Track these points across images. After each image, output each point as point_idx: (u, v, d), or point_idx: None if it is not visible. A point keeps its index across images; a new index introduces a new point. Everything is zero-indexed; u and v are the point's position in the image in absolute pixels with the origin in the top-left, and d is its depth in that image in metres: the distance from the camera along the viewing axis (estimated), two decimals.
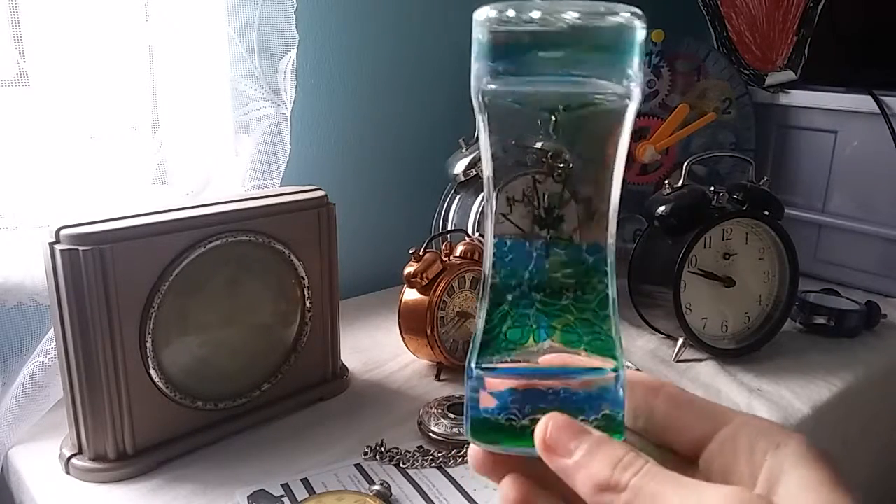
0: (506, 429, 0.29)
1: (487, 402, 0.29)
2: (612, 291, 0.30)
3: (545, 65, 0.28)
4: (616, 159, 0.29)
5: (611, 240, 0.30)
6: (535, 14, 0.27)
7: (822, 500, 0.24)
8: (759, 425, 0.27)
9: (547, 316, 0.30)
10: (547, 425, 0.27)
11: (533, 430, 0.28)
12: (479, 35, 0.28)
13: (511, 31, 0.27)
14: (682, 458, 0.29)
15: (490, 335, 0.30)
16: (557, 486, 0.28)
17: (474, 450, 0.30)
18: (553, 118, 0.28)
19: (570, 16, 0.27)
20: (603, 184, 0.29)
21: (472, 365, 0.30)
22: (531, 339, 0.30)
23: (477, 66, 0.28)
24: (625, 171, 0.29)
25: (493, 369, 0.30)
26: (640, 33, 0.27)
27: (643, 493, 0.25)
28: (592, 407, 0.29)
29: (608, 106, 0.28)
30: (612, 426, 0.29)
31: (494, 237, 0.30)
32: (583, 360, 0.29)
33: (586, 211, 0.29)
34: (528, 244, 0.30)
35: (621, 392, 0.29)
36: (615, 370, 0.29)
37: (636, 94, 0.28)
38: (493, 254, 0.30)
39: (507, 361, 0.30)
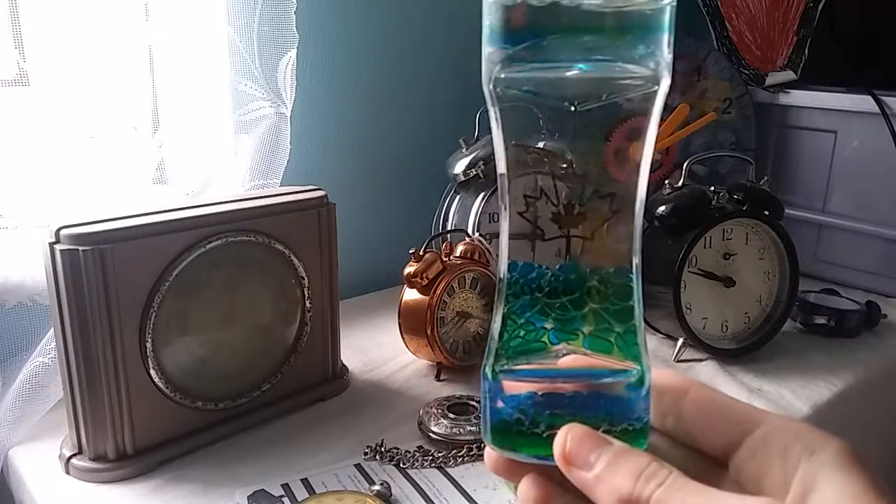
0: (525, 436, 0.27)
1: (506, 407, 0.27)
2: (637, 296, 0.28)
3: (564, 48, 0.25)
4: (643, 151, 0.26)
5: (637, 241, 0.27)
6: None
7: None
8: (793, 428, 0.26)
9: (567, 322, 0.28)
10: (566, 437, 0.26)
11: (553, 438, 0.26)
12: (490, 16, 0.25)
13: (527, 10, 0.25)
14: (713, 461, 0.28)
15: (506, 341, 0.28)
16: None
17: (491, 451, 0.28)
18: (573, 108, 0.26)
19: None
20: (628, 179, 0.27)
21: (488, 370, 0.28)
22: (549, 345, 0.28)
23: (488, 52, 0.26)
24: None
25: (512, 371, 0.28)
26: (670, 10, 0.25)
27: None
28: (615, 412, 0.27)
29: (635, 93, 0.25)
30: (635, 432, 0.27)
31: (510, 238, 0.28)
32: (605, 362, 0.28)
33: (610, 208, 0.27)
34: (545, 247, 0.28)
35: (645, 395, 0.27)
36: (640, 373, 0.28)
37: (666, 77, 0.25)
38: (509, 256, 0.28)
39: (524, 365, 0.28)
